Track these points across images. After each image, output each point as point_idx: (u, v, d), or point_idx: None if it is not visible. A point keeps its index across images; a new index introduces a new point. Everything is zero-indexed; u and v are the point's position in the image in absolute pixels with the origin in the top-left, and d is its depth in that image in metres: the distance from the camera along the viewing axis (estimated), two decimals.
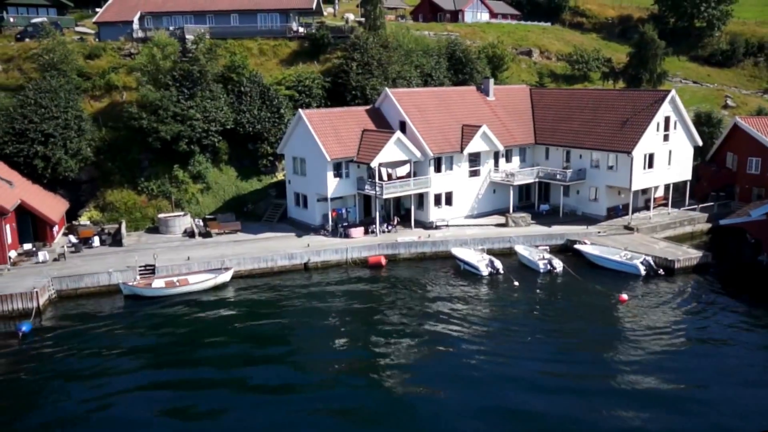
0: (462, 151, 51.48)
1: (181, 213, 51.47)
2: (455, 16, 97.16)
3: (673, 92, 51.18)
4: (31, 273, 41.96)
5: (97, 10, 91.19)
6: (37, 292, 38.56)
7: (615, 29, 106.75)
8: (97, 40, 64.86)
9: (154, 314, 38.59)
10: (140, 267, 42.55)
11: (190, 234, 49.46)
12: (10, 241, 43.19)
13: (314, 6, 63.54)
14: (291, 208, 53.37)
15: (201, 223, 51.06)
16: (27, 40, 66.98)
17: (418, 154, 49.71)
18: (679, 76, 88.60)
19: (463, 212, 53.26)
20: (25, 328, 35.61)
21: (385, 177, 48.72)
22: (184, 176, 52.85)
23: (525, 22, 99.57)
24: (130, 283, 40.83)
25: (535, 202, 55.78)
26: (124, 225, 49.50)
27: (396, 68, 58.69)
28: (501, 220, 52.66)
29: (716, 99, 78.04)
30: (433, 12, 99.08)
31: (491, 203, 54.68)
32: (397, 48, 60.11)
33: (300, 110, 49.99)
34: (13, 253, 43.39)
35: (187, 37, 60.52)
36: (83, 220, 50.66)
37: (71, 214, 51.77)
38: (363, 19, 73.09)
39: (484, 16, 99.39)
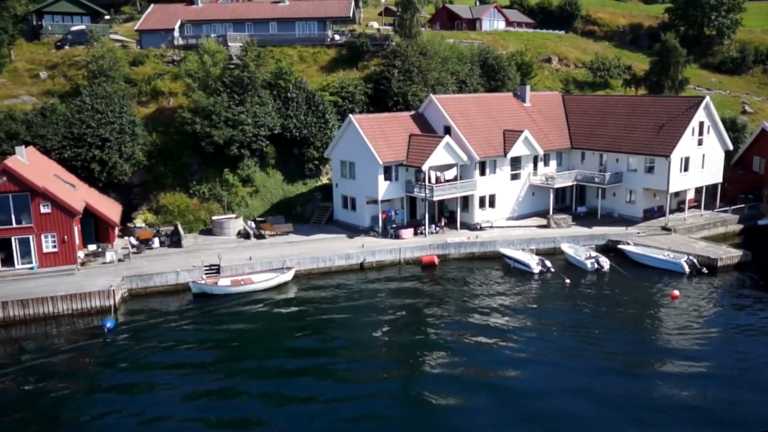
0: (505, 155, 53.33)
1: (233, 215, 52.90)
2: (472, 24, 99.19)
3: (707, 98, 53.37)
4: (100, 273, 43.28)
5: (120, 17, 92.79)
6: (113, 290, 39.96)
7: (626, 37, 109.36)
8: (138, 47, 66.22)
9: (221, 312, 40.05)
10: (205, 267, 43.97)
11: (245, 235, 50.90)
12: (77, 242, 44.46)
13: (351, 14, 65.25)
14: (338, 210, 54.92)
15: (253, 225, 52.50)
16: (67, 47, 68.39)
17: (465, 157, 51.50)
18: (692, 83, 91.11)
19: (504, 214, 55.08)
20: (109, 324, 37.01)
21: (433, 180, 50.45)
22: (234, 180, 54.30)
23: (539, 30, 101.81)
24: (200, 282, 42.25)
25: (573, 204, 57.66)
26: (180, 227, 50.75)
27: (435, 75, 60.54)
28: (541, 221, 54.53)
29: (733, 105, 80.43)
30: (451, 20, 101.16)
31: (530, 205, 56.53)
32: (433, 55, 61.92)
33: (350, 115, 51.67)
34: (81, 254, 44.66)
35: (230, 44, 62.18)
36: (138, 222, 51.94)
37: (124, 217, 53.01)
38: (390, 27, 75.16)
39: (501, 25, 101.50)
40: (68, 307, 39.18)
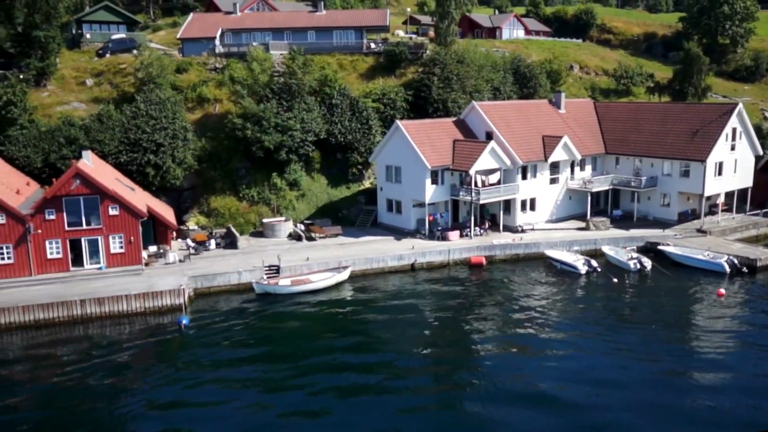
0: (546, 160, 55.15)
1: (282, 218, 54.50)
2: (492, 32, 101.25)
3: (740, 105, 55.37)
4: (164, 273, 44.82)
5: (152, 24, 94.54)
6: (184, 289, 41.52)
7: (641, 46, 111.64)
8: (180, 55, 67.90)
9: (283, 310, 41.70)
10: (266, 267, 45.55)
11: (296, 237, 52.48)
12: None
13: (388, 23, 67.14)
14: (382, 213, 56.57)
15: (302, 228, 54.11)
16: (108, 55, 70.07)
17: (508, 162, 53.29)
18: (709, 91, 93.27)
19: (544, 217, 56.83)
20: (185, 321, 38.55)
21: (479, 184, 52.19)
22: (282, 184, 55.91)
23: (557, 38, 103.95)
24: (263, 283, 43.82)
25: (608, 207, 59.46)
26: (234, 229, 52.27)
27: (472, 82, 62.42)
28: (578, 224, 56.32)
29: (753, 112, 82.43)
30: (471, 28, 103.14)
31: (567, 209, 58.31)
32: (470, 63, 63.80)
33: (397, 121, 53.44)
34: (144, 255, 46.18)
35: (271, 52, 63.94)
36: (191, 224, 53.48)
37: (176, 220, 54.51)
38: (414, 35, 77.08)
39: (520, 33, 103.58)
40: (141, 305, 40.69)
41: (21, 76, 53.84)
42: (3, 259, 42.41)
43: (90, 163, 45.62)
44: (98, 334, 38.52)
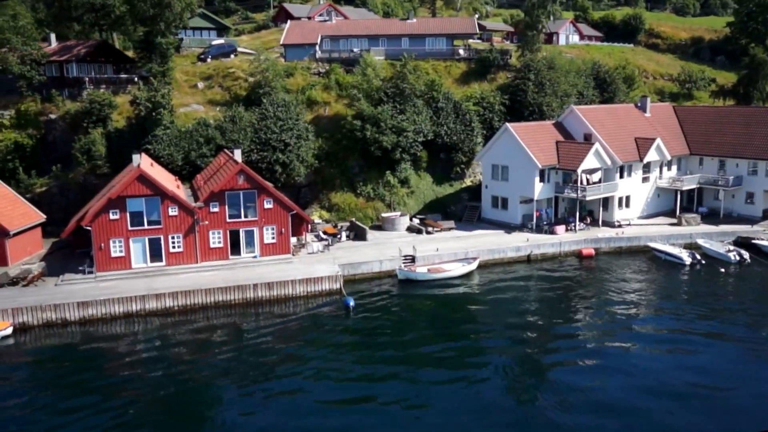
0: (641, 160, 59.41)
1: (398, 213, 58.84)
2: (549, 38, 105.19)
3: None
4: (312, 261, 49.23)
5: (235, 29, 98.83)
6: (340, 275, 45.95)
7: (688, 50, 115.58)
8: (284, 60, 72.28)
9: (423, 294, 46.29)
10: (403, 257, 49.91)
11: (416, 231, 56.81)
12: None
13: (477, 30, 71.42)
14: (486, 209, 60.87)
15: (417, 222, 58.45)
16: (209, 59, 74.55)
17: (609, 162, 57.57)
18: None
19: (636, 213, 61.09)
20: (351, 303, 42.97)
21: (584, 182, 56.49)
22: (394, 181, 60.25)
23: (611, 43, 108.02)
24: (405, 270, 48.21)
25: (694, 205, 63.67)
26: (360, 223, 56.56)
27: (563, 87, 66.71)
28: (667, 220, 60.56)
29: None
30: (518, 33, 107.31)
31: (656, 206, 62.58)
32: (559, 69, 68.06)
33: (507, 124, 57.78)
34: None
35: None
36: (315, 218, 57.84)
37: None
38: (483, 41, 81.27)
39: (575, 38, 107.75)
40: (304, 289, 45.15)
41: (164, 80, 58.04)
42: (174, 247, 46.87)
43: (239, 158, 49.95)
44: (266, 312, 42.97)
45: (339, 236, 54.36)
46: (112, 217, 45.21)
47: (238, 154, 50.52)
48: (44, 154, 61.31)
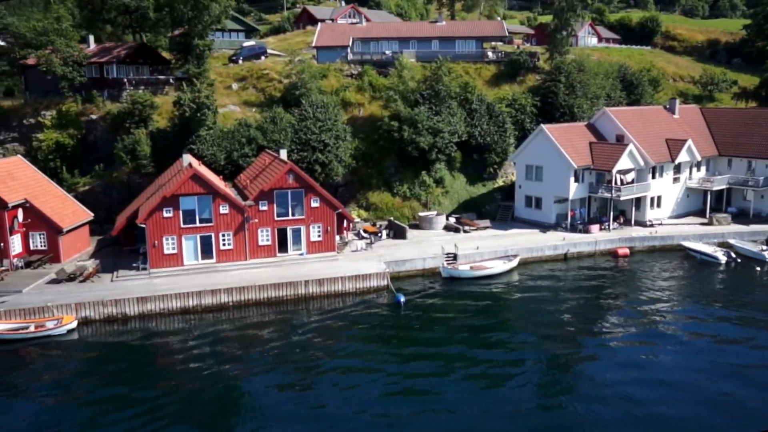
0: (673, 161, 60.52)
1: (435, 212, 59.93)
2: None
3: None
4: (358, 258, 50.31)
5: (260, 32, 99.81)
6: (388, 272, 47.06)
7: (705, 52, 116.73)
8: (315, 62, 73.41)
9: (467, 290, 47.42)
10: (445, 254, 51.01)
11: (454, 229, 57.92)
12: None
13: (506, 33, 72.55)
14: (520, 208, 61.98)
15: (453, 221, 59.56)
16: (241, 61, 75.71)
17: (642, 162, 58.67)
18: None
19: (666, 213, 62.18)
20: (402, 299, 44.08)
21: (618, 182, 57.60)
22: (430, 181, 61.37)
23: (630, 46, 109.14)
24: (449, 267, 49.31)
25: (722, 205, 64.74)
26: (398, 222, 57.67)
27: (593, 89, 67.85)
28: (697, 220, 61.66)
29: None
30: (546, 36, 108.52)
31: (685, 206, 63.68)
32: (588, 71, 69.20)
33: (542, 125, 58.91)
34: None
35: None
36: (354, 217, 58.89)
37: None
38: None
39: (593, 41, 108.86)
40: (353, 286, 46.25)
41: (206, 81, 59.12)
42: (224, 244, 47.99)
43: (285, 158, 51.08)
44: (324, 308, 44.06)
45: (380, 234, 55.45)
46: (165, 215, 46.32)
47: (283, 154, 51.65)
48: (84, 153, 62.51)
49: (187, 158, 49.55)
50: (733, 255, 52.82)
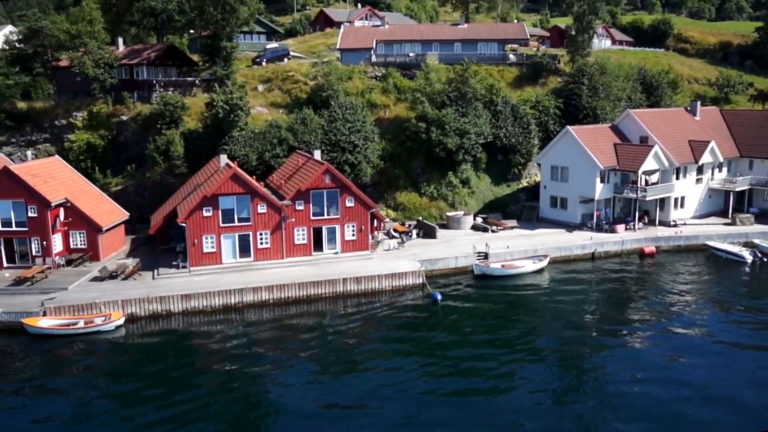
0: (697, 162, 61.41)
1: (462, 212, 60.81)
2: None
3: None
4: (391, 257, 51.19)
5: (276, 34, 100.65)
6: (423, 271, 47.93)
7: (717, 54, 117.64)
8: (340, 64, 74.30)
9: (500, 288, 48.26)
10: (477, 253, 51.88)
11: (482, 229, 58.79)
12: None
13: (528, 36, 73.46)
14: (545, 209, 62.84)
15: (481, 221, 60.43)
16: (264, 63, 76.59)
17: (666, 163, 59.55)
18: None
19: (689, 213, 63.03)
20: (438, 297, 44.97)
21: (643, 183, 58.48)
22: (456, 181, 62.25)
23: (643, 48, 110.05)
24: (481, 265, 50.20)
25: (744, 206, 65.60)
26: (428, 221, 58.53)
27: (615, 91, 68.74)
28: (719, 220, 62.53)
29: None
30: (561, 38, 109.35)
31: (707, 206, 64.55)
32: (610, 73, 70.08)
33: (568, 126, 59.83)
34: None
35: (427, 62, 70.24)
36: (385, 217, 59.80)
37: None
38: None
39: (607, 43, 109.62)
40: (389, 284, 47.12)
41: (236, 82, 60.04)
42: (262, 243, 48.86)
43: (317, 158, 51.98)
44: (361, 306, 44.87)
45: (410, 234, 56.31)
46: (205, 214, 47.21)
47: (317, 155, 52.57)
48: (115, 154, 63.50)
49: (224, 158, 50.43)
50: (759, 254, 53.67)
